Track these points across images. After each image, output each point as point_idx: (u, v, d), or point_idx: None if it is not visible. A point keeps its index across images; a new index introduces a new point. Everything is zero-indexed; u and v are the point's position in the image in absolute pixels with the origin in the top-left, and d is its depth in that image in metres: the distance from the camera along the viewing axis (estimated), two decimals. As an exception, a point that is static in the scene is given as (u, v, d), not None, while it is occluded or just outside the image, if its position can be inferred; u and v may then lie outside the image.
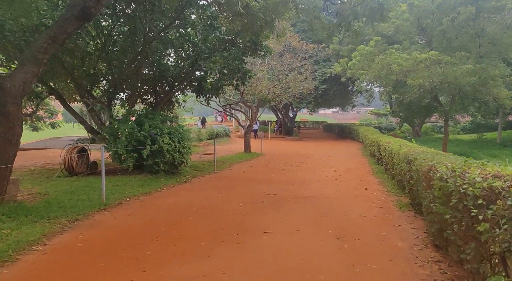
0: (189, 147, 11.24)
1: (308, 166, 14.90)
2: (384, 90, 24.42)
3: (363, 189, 10.07)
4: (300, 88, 18.05)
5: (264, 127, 33.36)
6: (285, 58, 17.84)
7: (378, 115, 62.06)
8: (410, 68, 16.90)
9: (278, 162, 16.01)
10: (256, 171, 13.09)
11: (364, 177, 12.19)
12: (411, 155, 7.58)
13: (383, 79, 19.16)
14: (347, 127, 32.97)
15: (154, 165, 10.15)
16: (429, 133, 38.25)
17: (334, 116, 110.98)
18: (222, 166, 13.91)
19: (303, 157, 17.90)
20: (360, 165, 15.37)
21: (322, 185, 10.50)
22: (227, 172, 12.67)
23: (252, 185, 10.19)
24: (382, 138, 14.53)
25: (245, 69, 11.23)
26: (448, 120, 19.69)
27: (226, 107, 17.07)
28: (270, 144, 25.40)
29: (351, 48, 26.94)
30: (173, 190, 9.02)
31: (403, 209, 7.54)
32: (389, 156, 11.78)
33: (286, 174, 12.55)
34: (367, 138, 19.37)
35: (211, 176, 11.69)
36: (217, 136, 25.43)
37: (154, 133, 10.01)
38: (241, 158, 16.46)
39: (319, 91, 28.45)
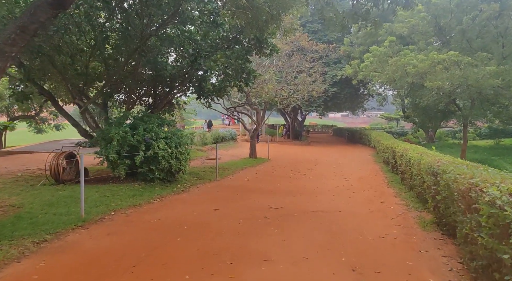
0: (188, 153, 10.37)
1: (317, 173, 13.91)
2: (398, 94, 23.23)
3: (378, 201, 9.06)
4: (309, 90, 17.11)
5: (272, 131, 32.40)
6: (293, 59, 16.93)
7: (389, 119, 60.62)
8: (427, 70, 15.80)
9: (285, 168, 15.05)
10: (261, 179, 12.16)
11: (379, 187, 11.16)
12: (437, 167, 6.57)
13: (397, 81, 18.06)
14: (358, 132, 31.83)
15: (149, 173, 9.30)
16: (443, 138, 36.83)
17: (343, 120, 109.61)
18: (224, 172, 13.01)
19: (311, 163, 16.91)
20: (373, 173, 14.32)
21: (333, 196, 9.52)
22: (229, 180, 11.76)
23: (255, 196, 9.26)
24: (397, 145, 13.47)
25: (249, 69, 10.34)
26: (467, 126, 18.49)
27: (231, 110, 16.21)
28: (277, 148, 24.44)
29: (363, 49, 25.91)
30: (167, 201, 8.13)
31: (428, 229, 6.52)
32: (406, 164, 10.75)
33: (293, 183, 11.59)
34: (380, 144, 18.29)
35: (212, 184, 10.80)
36: (223, 140, 24.60)
37: (149, 137, 9.17)
38: (246, 164, 15.54)
39: (329, 94, 27.42)
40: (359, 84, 29.49)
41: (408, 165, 10.45)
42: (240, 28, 10.02)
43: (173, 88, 11.66)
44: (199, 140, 21.44)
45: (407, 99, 30.36)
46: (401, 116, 57.80)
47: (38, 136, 29.43)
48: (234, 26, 10.22)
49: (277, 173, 13.71)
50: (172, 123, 10.56)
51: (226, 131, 25.63)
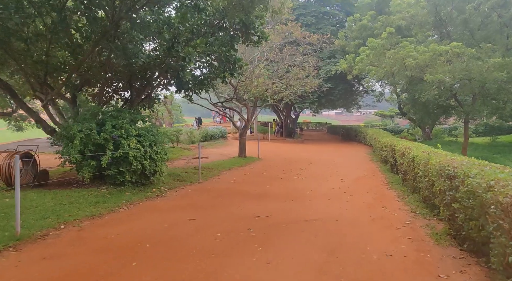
0: (165, 152, 9.20)
1: (310, 173, 12.83)
2: (394, 90, 22.14)
3: (379, 206, 7.99)
4: (302, 85, 16.00)
5: (264, 129, 31.30)
6: (285, 51, 15.79)
7: (383, 117, 59.86)
8: (427, 63, 14.79)
9: (276, 168, 13.94)
10: (249, 181, 11.03)
11: (379, 190, 10.11)
12: (454, 168, 5.50)
13: (396, 75, 17.04)
14: (353, 129, 30.85)
15: (118, 175, 8.11)
16: (439, 136, 36.00)
17: (337, 117, 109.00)
18: (209, 173, 11.86)
19: (305, 163, 15.82)
20: (371, 173, 13.28)
21: (328, 201, 8.43)
22: (214, 182, 10.61)
23: (241, 201, 8.13)
24: (397, 143, 12.43)
25: (235, 58, 9.18)
26: (468, 122, 17.55)
27: (218, 106, 15.07)
28: (269, 147, 23.31)
29: (358, 43, 24.88)
30: (136, 209, 6.97)
31: (443, 243, 5.44)
32: (408, 164, 9.70)
33: (285, 185, 10.48)
34: (377, 141, 17.26)
35: (193, 187, 9.64)
36: (212, 139, 23.42)
37: (118, 135, 7.98)
38: (234, 164, 14.40)
39: (323, 90, 26.33)
40: (354, 80, 28.50)
41: (411, 165, 9.40)
42: (224, 11, 8.86)
43: (151, 81, 10.47)
44: (186, 138, 20.24)
45: (403, 96, 29.44)
46: (396, 114, 57.11)
47: (16, 134, 27.90)
48: (217, 10, 9.07)
49: (268, 174, 12.59)
50: (147, 119, 9.33)
51: (216, 129, 24.45)
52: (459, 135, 38.33)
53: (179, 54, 8.10)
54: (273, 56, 15.95)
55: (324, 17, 28.83)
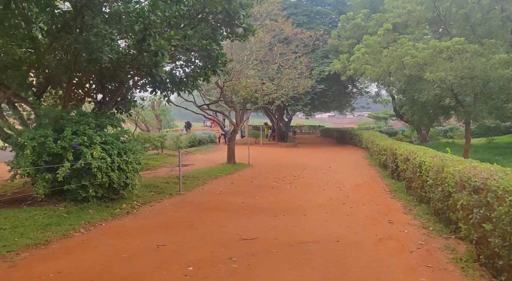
0: (139, 162, 8.01)
1: (305, 181, 11.73)
2: (390, 90, 21.13)
3: (385, 221, 6.91)
4: (294, 86, 14.95)
5: (256, 133, 30.20)
6: (276, 49, 14.73)
7: (377, 119, 59.19)
8: (427, 60, 13.83)
9: (267, 175, 12.81)
10: (236, 191, 9.89)
11: (381, 199, 9.03)
12: (485, 180, 4.43)
13: (393, 75, 16.07)
14: (348, 132, 29.88)
15: (81, 190, 6.92)
16: (435, 137, 35.26)
17: (330, 120, 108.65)
18: (193, 183, 10.69)
19: (298, 168, 14.73)
20: (370, 179, 12.23)
21: (326, 215, 7.32)
22: (197, 194, 9.44)
23: (224, 217, 6.98)
24: (398, 146, 11.40)
25: (217, 52, 8.06)
26: (469, 123, 16.64)
27: (204, 108, 13.93)
28: (260, 151, 22.19)
29: (352, 43, 23.96)
30: (95, 233, 5.78)
31: (472, 273, 4.37)
32: (414, 171, 8.66)
33: (276, 195, 9.35)
34: (375, 145, 16.25)
35: (172, 200, 8.46)
36: (200, 144, 22.24)
37: (79, 143, 6.79)
38: (222, 171, 13.24)
39: (317, 92, 25.35)
40: (348, 81, 27.59)
41: (417, 172, 8.35)
42: (205, 0, 7.77)
43: (125, 81, 9.30)
44: (172, 144, 19.02)
45: (398, 98, 28.59)
46: (390, 116, 56.46)
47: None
48: (198, 0, 7.97)
49: (258, 182, 11.45)
50: (115, 124, 8.14)
51: (204, 134, 23.27)
52: (454, 137, 37.73)
53: (151, 48, 6.96)
54: (262, 55, 14.88)
55: (316, 17, 27.91)
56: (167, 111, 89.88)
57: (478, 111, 14.95)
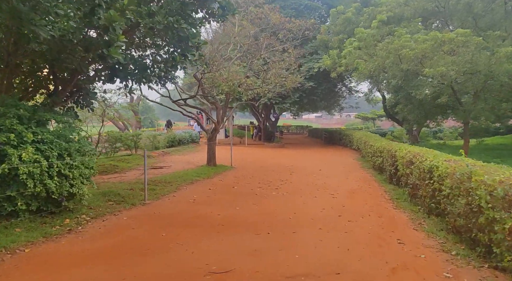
0: (90, 166, 6.47)
1: (293, 186, 10.35)
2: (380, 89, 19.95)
3: (393, 241, 5.57)
4: (281, 80, 13.56)
5: (241, 132, 28.74)
6: (262, 40, 13.31)
7: (365, 119, 58.48)
8: (427, 53, 12.66)
9: (251, 180, 11.38)
10: (214, 199, 8.42)
11: (382, 210, 7.72)
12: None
13: (389, 70, 14.86)
14: (338, 132, 28.72)
15: (6, 202, 5.34)
16: (425, 138, 34.48)
17: (317, 121, 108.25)
18: (164, 189, 9.16)
19: (286, 171, 13.35)
20: (366, 184, 10.95)
21: (320, 232, 5.94)
22: (166, 203, 7.93)
23: (192, 237, 5.52)
24: (399, 148, 10.12)
25: (188, 32, 6.59)
26: (468, 123, 15.59)
27: (180, 104, 12.40)
28: (245, 152, 20.75)
29: (342, 38, 22.76)
30: (9, 265, 4.24)
31: None
32: (422, 177, 7.40)
33: (260, 205, 7.93)
34: (369, 146, 15.00)
35: (132, 213, 6.94)
36: (180, 144, 20.64)
37: (3, 142, 5.23)
38: (200, 175, 11.75)
39: (305, 90, 24.05)
40: (337, 80, 26.44)
41: (427, 178, 7.07)
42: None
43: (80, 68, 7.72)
44: (148, 144, 17.39)
45: (389, 97, 27.57)
46: (378, 116, 55.81)
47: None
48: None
49: (240, 188, 10.01)
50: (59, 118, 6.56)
51: (185, 133, 21.67)
52: (444, 138, 37.06)
53: (99, 22, 5.44)
54: (247, 46, 13.44)
55: (305, 11, 26.61)
56: (150, 109, 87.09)
57: (479, 110, 13.83)
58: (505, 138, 36.46)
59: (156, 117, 79.03)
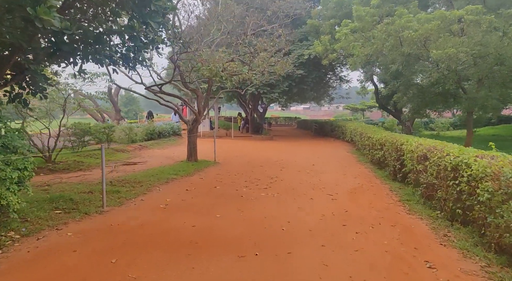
0: (24, 167, 4.91)
1: (285, 185, 8.95)
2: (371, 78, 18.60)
3: (420, 264, 4.24)
4: (270, 64, 12.08)
5: (227, 124, 27.20)
6: (248, 19, 11.76)
7: (354, 110, 57.51)
8: (432, 35, 11.33)
9: (236, 177, 9.94)
10: (190, 204, 6.95)
11: (393, 215, 6.40)
12: None
13: (389, 54, 13.52)
14: (328, 123, 27.45)
15: None
16: (416, 129, 33.58)
17: (305, 112, 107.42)
18: (130, 192, 7.63)
19: (275, 167, 11.96)
20: (367, 181, 9.65)
21: (323, 253, 4.56)
22: (128, 211, 6.41)
23: (151, 265, 4.06)
24: (407, 141, 8.81)
25: (151, -7, 5.04)
26: (472, 113, 14.46)
27: (154, 91, 10.80)
28: (231, 145, 19.28)
29: (334, 23, 21.32)
30: None
31: None
32: (442, 176, 6.09)
33: (246, 211, 6.50)
34: (366, 138, 13.72)
35: (81, 226, 5.43)
36: (161, 136, 19.00)
37: None
38: (178, 172, 10.25)
39: (295, 78, 22.60)
40: (329, 68, 25.06)
41: (450, 178, 5.76)
42: None
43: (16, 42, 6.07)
44: (123, 136, 15.73)
45: (382, 87, 26.39)
46: (368, 107, 54.91)
47: None
48: None
49: (222, 188, 8.56)
50: None
51: (166, 125, 20.01)
52: (436, 129, 36.28)
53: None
54: (232, 26, 11.85)
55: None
56: (134, 101, 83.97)
57: (485, 98, 12.60)
58: (497, 128, 35.91)
59: (141, 109, 76.46)
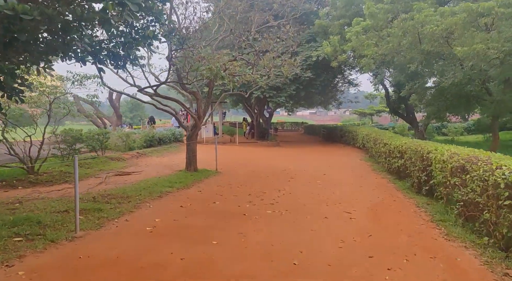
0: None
1: (294, 200, 7.82)
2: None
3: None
4: (277, 65, 11.02)
5: (232, 130, 26.16)
6: (252, 14, 10.71)
7: (363, 115, 56.17)
8: (456, 30, 10.18)
9: (239, 190, 8.83)
10: (182, 226, 5.84)
11: (429, 241, 5.23)
12: None
13: (406, 52, 12.38)
14: (338, 128, 26.27)
15: None
16: (429, 134, 32.19)
17: (312, 117, 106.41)
18: (114, 210, 6.54)
19: (283, 177, 10.84)
20: (386, 194, 8.49)
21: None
22: (106, 236, 5.31)
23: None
24: (436, 148, 7.64)
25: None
26: (498, 117, 13.26)
27: (148, 93, 9.75)
28: (235, 152, 18.20)
29: (344, 23, 20.25)
30: None
31: None
32: (491, 194, 4.91)
33: (248, 236, 5.37)
34: (382, 144, 12.53)
35: (41, 260, 4.33)
36: (161, 143, 17.98)
37: None
38: (174, 183, 9.16)
39: (303, 81, 21.52)
40: (337, 71, 23.97)
41: (503, 198, 4.59)
42: None
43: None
44: (119, 144, 14.73)
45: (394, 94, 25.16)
46: (376, 111, 53.50)
47: None
48: None
49: (222, 204, 7.45)
50: None
51: (167, 131, 19.00)
52: (449, 134, 34.79)
53: None
54: (234, 23, 10.83)
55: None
56: (140, 107, 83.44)
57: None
58: (511, 133, 34.36)
59: (147, 115, 75.74)
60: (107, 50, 6.26)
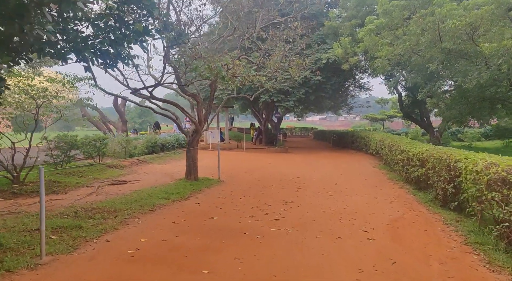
0: None
1: (302, 215, 6.91)
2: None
3: None
4: (284, 65, 10.20)
5: (239, 135, 25.32)
6: (257, 14, 9.91)
7: (374, 120, 54.83)
8: (481, 24, 9.21)
9: (240, 202, 7.95)
10: (171, 247, 4.98)
11: (465, 270, 4.29)
12: None
13: (424, 51, 11.41)
14: (349, 134, 25.21)
15: None
16: (445, 140, 30.87)
17: (321, 123, 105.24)
18: (97, 227, 5.73)
19: (291, 187, 9.93)
20: (407, 208, 7.52)
21: None
22: (76, 262, 4.48)
23: None
24: (464, 158, 6.67)
25: None
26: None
27: (144, 96, 9.01)
28: (241, 158, 17.35)
29: (355, 23, 19.36)
30: None
31: None
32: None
33: (246, 263, 4.48)
34: (399, 151, 11.51)
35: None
36: (164, 149, 17.24)
37: None
38: (171, 194, 8.34)
39: (312, 85, 20.64)
40: (348, 74, 23.04)
41: None
42: None
43: None
44: (119, 150, 14.00)
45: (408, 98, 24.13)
46: (388, 117, 52.19)
47: None
48: None
49: (221, 219, 6.57)
50: None
51: (170, 137, 18.27)
52: (465, 140, 33.38)
53: None
54: (238, 22, 10.05)
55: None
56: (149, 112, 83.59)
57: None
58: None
59: (155, 120, 75.46)
60: (92, 46, 5.51)
